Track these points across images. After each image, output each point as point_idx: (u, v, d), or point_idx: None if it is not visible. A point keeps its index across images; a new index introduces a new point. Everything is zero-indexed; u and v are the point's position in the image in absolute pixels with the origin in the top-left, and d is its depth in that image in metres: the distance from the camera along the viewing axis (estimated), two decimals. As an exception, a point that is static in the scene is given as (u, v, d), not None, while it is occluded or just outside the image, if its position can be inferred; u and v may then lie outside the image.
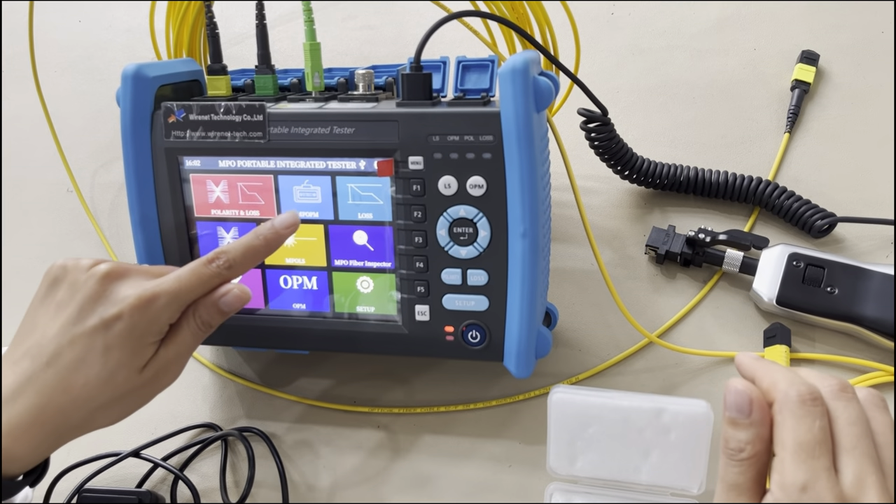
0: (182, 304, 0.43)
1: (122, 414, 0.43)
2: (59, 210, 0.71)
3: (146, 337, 0.42)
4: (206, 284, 0.44)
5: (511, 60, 0.43)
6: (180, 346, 0.43)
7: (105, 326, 0.41)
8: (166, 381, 0.44)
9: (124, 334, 0.41)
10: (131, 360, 0.41)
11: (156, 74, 0.49)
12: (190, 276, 0.43)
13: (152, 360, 0.42)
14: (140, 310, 0.41)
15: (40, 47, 0.68)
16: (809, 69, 0.65)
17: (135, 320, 0.41)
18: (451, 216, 0.47)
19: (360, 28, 0.77)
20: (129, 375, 0.41)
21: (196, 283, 0.43)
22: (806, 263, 0.55)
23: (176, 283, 0.43)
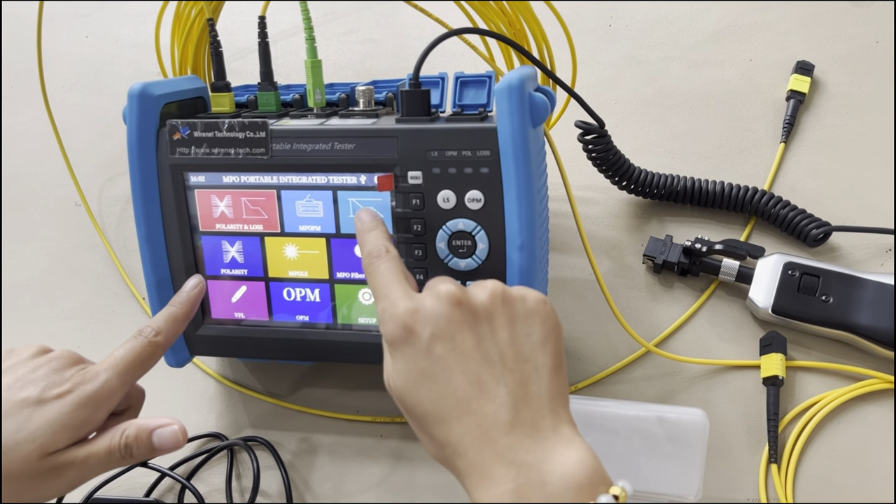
0: (124, 375, 0.43)
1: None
2: (67, 223, 0.72)
3: (79, 412, 0.41)
4: (141, 354, 0.44)
5: (507, 77, 0.44)
6: (90, 455, 0.41)
7: (40, 401, 0.40)
8: (55, 487, 0.40)
9: (55, 408, 0.40)
10: (47, 440, 0.39)
11: (161, 93, 0.50)
12: (125, 350, 0.44)
13: (60, 453, 0.40)
14: (84, 383, 0.41)
15: (49, 63, 0.70)
16: (804, 79, 0.66)
17: (78, 392, 0.41)
18: (450, 229, 0.48)
19: (361, 42, 0.78)
20: (29, 455, 0.39)
21: (131, 353, 0.44)
22: (801, 272, 0.55)
23: (112, 359, 0.43)
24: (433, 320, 0.37)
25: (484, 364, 0.37)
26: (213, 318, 0.53)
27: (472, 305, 0.38)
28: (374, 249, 0.42)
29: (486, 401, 0.36)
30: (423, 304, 0.38)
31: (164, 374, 0.61)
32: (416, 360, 0.37)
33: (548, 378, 0.37)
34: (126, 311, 0.66)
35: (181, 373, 0.61)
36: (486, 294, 0.38)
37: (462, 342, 0.37)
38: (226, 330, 0.53)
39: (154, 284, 0.52)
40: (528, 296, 0.39)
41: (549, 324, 0.39)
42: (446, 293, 0.38)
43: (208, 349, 0.54)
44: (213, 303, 0.53)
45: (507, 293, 0.39)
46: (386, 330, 0.39)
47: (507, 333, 0.38)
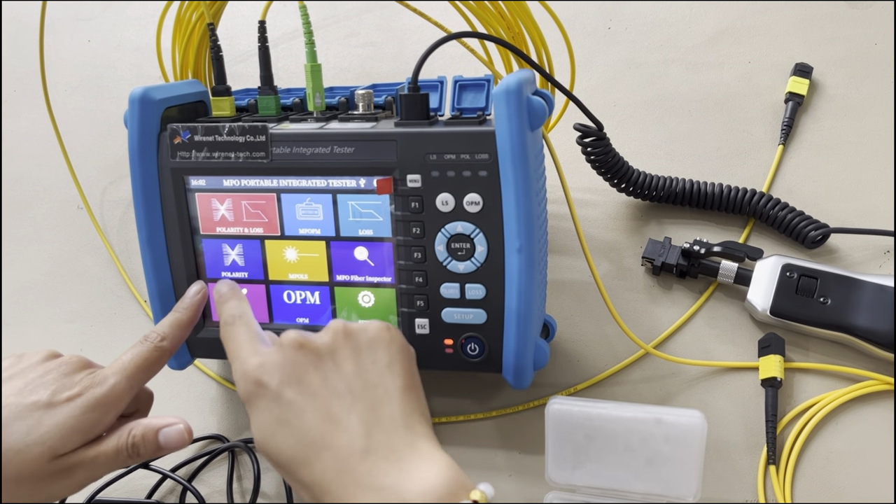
0: (131, 379, 0.44)
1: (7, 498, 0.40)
2: (69, 226, 0.72)
3: (87, 416, 0.41)
4: (148, 358, 0.45)
5: (505, 81, 0.45)
6: (98, 455, 0.42)
7: (50, 405, 0.41)
8: (64, 487, 0.41)
9: (65, 411, 0.41)
10: (56, 442, 0.40)
11: (162, 97, 0.50)
12: (132, 355, 0.45)
13: (69, 454, 0.41)
14: (94, 386, 0.42)
15: (51, 67, 0.70)
16: (803, 82, 0.66)
17: (88, 395, 0.42)
18: (449, 232, 0.48)
19: (362, 45, 0.79)
20: (40, 457, 0.40)
21: (138, 357, 0.45)
22: (799, 274, 0.56)
23: (120, 363, 0.44)
24: (279, 368, 0.39)
25: (333, 398, 0.38)
26: (214, 320, 0.54)
27: (314, 346, 0.40)
28: (228, 317, 0.45)
29: (339, 433, 0.37)
30: (269, 356, 0.40)
31: (166, 377, 0.61)
32: (269, 409, 0.39)
33: (399, 398, 0.39)
34: (128, 314, 0.66)
35: (183, 375, 0.61)
36: (328, 333, 0.41)
37: (309, 382, 0.39)
38: (226, 332, 0.53)
39: (155, 287, 0.52)
40: (368, 326, 0.41)
41: (393, 347, 0.41)
42: (289, 341, 0.40)
43: (209, 352, 0.55)
44: (213, 306, 0.53)
45: (347, 328, 0.41)
46: (240, 388, 0.40)
47: (351, 365, 0.40)
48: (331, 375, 0.39)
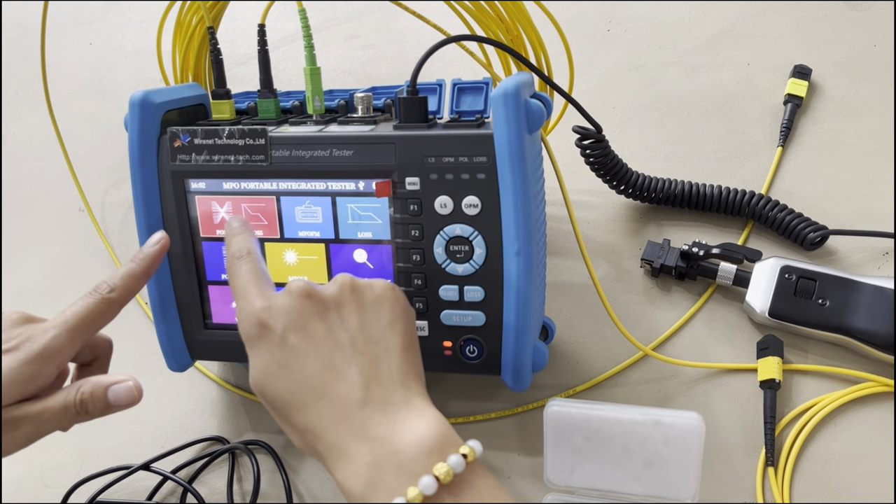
0: (73, 331, 0.43)
1: None
2: (71, 229, 0.73)
3: (22, 370, 0.41)
4: (93, 310, 0.44)
5: (503, 84, 0.45)
6: (45, 410, 0.41)
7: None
8: (10, 441, 0.41)
9: (6, 363, 0.41)
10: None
11: (162, 100, 0.51)
12: (77, 307, 0.44)
13: (12, 407, 0.41)
14: (31, 339, 0.42)
15: (52, 70, 0.71)
16: (802, 83, 0.66)
17: (26, 348, 0.41)
18: (448, 234, 0.48)
19: (362, 47, 0.79)
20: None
21: (83, 310, 0.44)
22: (798, 276, 0.56)
23: (63, 316, 0.43)
24: (285, 313, 0.40)
25: (335, 349, 0.39)
26: (214, 323, 0.54)
27: (321, 297, 0.41)
28: (237, 251, 0.44)
29: (338, 383, 0.38)
30: (275, 300, 0.40)
31: (167, 379, 0.61)
32: (271, 352, 0.39)
33: (398, 356, 0.40)
34: (128, 316, 0.67)
35: (183, 377, 0.62)
36: (335, 286, 0.41)
37: (314, 331, 0.39)
38: (227, 335, 0.53)
39: (156, 290, 0.53)
40: (375, 284, 0.42)
41: (397, 307, 0.41)
42: (297, 289, 0.40)
43: (210, 354, 0.55)
44: (214, 308, 0.53)
45: (355, 283, 0.42)
46: (243, 328, 0.41)
47: (356, 319, 0.40)
48: (335, 327, 0.40)
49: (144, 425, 0.60)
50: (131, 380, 0.44)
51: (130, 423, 0.60)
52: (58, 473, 0.59)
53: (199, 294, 0.53)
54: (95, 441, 0.60)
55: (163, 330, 0.53)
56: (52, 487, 0.58)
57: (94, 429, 0.61)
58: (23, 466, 0.59)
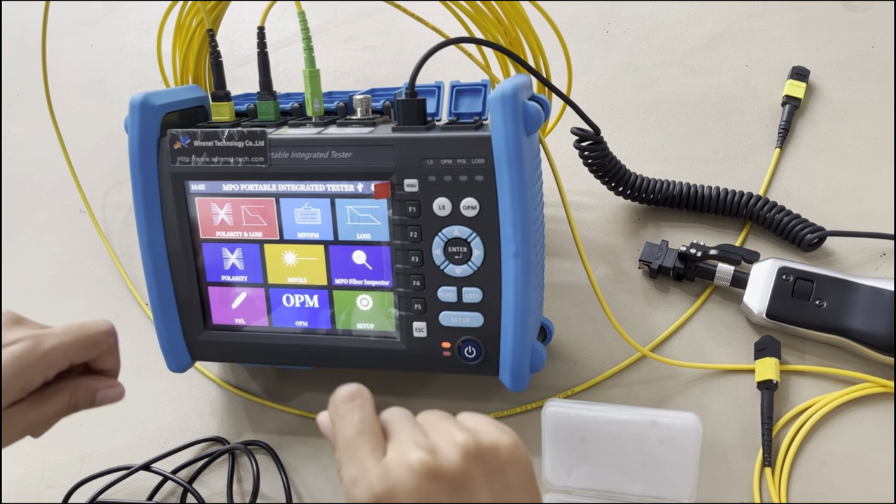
0: (68, 353, 0.43)
1: None
2: (71, 230, 0.73)
3: (16, 379, 0.41)
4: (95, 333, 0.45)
5: (501, 87, 0.45)
6: (40, 412, 0.43)
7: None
8: (6, 439, 0.42)
9: None
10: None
11: (162, 102, 0.51)
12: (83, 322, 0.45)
13: (8, 409, 0.41)
14: (26, 350, 0.41)
15: (53, 71, 0.71)
16: (800, 85, 0.66)
17: (15, 358, 0.41)
18: (446, 236, 0.48)
19: (361, 49, 0.79)
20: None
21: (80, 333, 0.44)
22: (795, 277, 0.56)
23: (67, 326, 0.44)
24: (412, 497, 0.34)
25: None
26: (214, 323, 0.54)
27: (447, 474, 0.35)
28: (350, 391, 0.39)
29: None
30: (397, 480, 0.35)
31: (167, 379, 0.62)
32: None
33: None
34: (129, 317, 0.67)
35: (183, 378, 0.62)
36: (458, 455, 0.36)
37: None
38: (226, 335, 0.54)
39: (156, 291, 0.53)
40: (500, 443, 0.37)
41: (526, 470, 0.37)
42: (419, 465, 0.35)
43: (209, 354, 0.55)
44: (213, 309, 0.54)
45: (479, 447, 0.36)
46: (361, 499, 0.35)
47: (486, 493, 0.36)
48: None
49: (145, 426, 0.60)
50: (120, 386, 0.46)
51: (131, 423, 0.61)
52: (59, 474, 0.59)
53: (198, 295, 0.53)
54: (96, 442, 0.60)
55: (163, 331, 0.54)
56: (52, 488, 0.59)
57: (94, 429, 0.61)
58: (24, 467, 0.60)
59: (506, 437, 0.38)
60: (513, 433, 0.38)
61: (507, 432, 0.38)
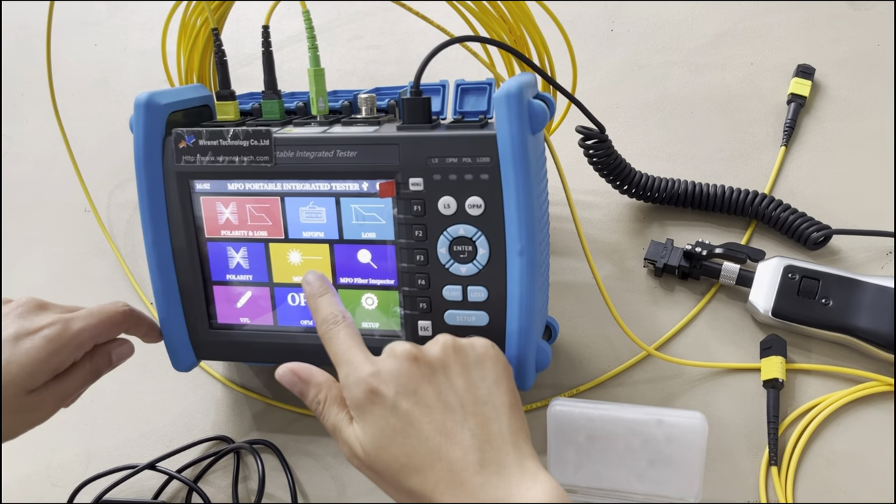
0: (94, 335, 0.48)
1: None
2: (76, 229, 0.73)
3: (51, 360, 0.45)
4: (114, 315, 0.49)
5: (506, 85, 0.45)
6: (69, 385, 0.47)
7: (16, 338, 0.44)
8: (43, 416, 0.46)
9: (31, 352, 0.44)
10: (25, 381, 0.44)
11: (167, 102, 0.51)
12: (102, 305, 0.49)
13: (42, 388, 0.45)
14: (57, 333, 0.45)
15: (58, 70, 0.71)
16: (805, 83, 0.66)
17: (48, 340, 0.45)
18: (451, 235, 0.48)
19: (366, 48, 0.79)
20: (17, 393, 0.44)
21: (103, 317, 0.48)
22: (801, 276, 0.56)
23: (89, 310, 0.48)
24: (395, 378, 0.40)
25: (447, 412, 0.39)
26: (219, 322, 0.54)
27: (427, 359, 0.41)
28: (331, 315, 0.44)
29: (454, 446, 0.38)
30: (383, 365, 0.41)
31: (172, 378, 0.62)
32: (385, 418, 0.39)
33: (507, 416, 0.40)
34: (134, 316, 0.67)
35: (188, 377, 0.62)
36: (438, 347, 0.42)
37: (424, 395, 0.40)
38: (231, 335, 0.54)
39: (161, 290, 0.53)
40: (476, 343, 0.42)
41: (499, 365, 0.42)
42: (402, 352, 0.41)
43: (214, 353, 0.55)
44: (219, 308, 0.54)
45: (457, 343, 0.42)
46: (351, 394, 0.41)
47: (463, 380, 0.40)
48: (444, 389, 0.40)
49: (150, 425, 0.61)
50: (129, 342, 0.51)
51: (136, 422, 0.61)
52: (64, 472, 0.59)
53: (203, 294, 0.53)
54: (102, 440, 0.60)
55: (168, 330, 0.54)
56: (58, 486, 0.59)
57: (100, 428, 0.61)
58: (30, 465, 0.60)
59: (482, 339, 0.43)
60: (491, 341, 0.43)
61: (484, 339, 0.43)
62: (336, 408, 0.42)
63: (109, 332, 0.49)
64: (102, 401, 0.62)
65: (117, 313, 0.49)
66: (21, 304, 0.47)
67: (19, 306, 0.47)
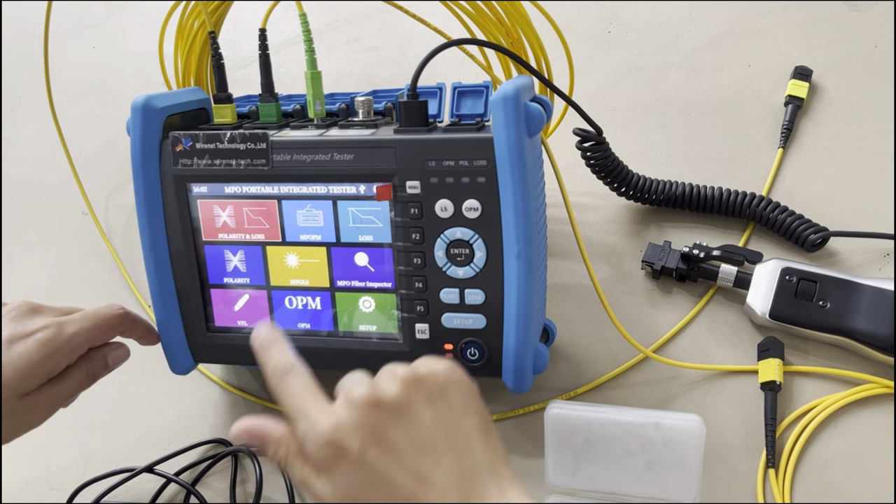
0: (89, 338, 0.48)
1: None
2: (74, 232, 0.73)
3: (45, 363, 0.45)
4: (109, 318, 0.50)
5: (503, 88, 0.45)
6: (64, 388, 0.47)
7: (9, 342, 0.45)
8: (38, 420, 0.47)
9: (24, 356, 0.45)
10: (18, 384, 0.44)
11: (164, 105, 0.51)
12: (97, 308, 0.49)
13: (37, 391, 0.46)
14: (51, 337, 0.46)
15: (56, 73, 0.71)
16: (803, 85, 0.66)
17: (42, 344, 0.45)
18: (448, 238, 0.48)
19: (364, 50, 0.79)
20: (11, 397, 0.44)
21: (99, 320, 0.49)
22: (798, 278, 0.56)
23: (83, 313, 0.48)
24: (358, 430, 0.37)
25: (419, 455, 0.37)
26: (216, 325, 0.54)
27: (388, 402, 0.38)
28: (280, 366, 0.42)
29: (430, 491, 0.36)
30: (342, 417, 0.37)
31: (170, 381, 0.62)
32: (353, 473, 0.37)
33: (480, 443, 0.38)
34: (132, 319, 0.67)
35: (186, 380, 0.62)
36: (397, 385, 0.38)
37: (393, 442, 0.37)
38: (229, 338, 0.54)
39: (159, 293, 0.53)
40: (436, 368, 0.39)
41: (464, 388, 0.39)
42: (360, 399, 0.38)
43: (212, 356, 0.55)
44: (216, 311, 0.54)
45: (416, 374, 0.39)
46: (313, 451, 0.38)
47: (429, 416, 0.38)
48: (412, 431, 0.37)
49: (148, 428, 0.61)
50: (125, 346, 0.52)
51: (134, 425, 0.61)
52: (62, 475, 0.59)
53: (201, 297, 0.53)
54: (99, 443, 0.60)
55: (165, 333, 0.54)
56: (56, 489, 0.59)
57: (98, 431, 0.61)
58: (28, 468, 0.60)
59: (441, 363, 0.40)
60: (450, 361, 0.40)
61: (444, 361, 0.40)
62: (299, 463, 0.39)
63: (104, 336, 0.49)
64: (100, 404, 0.62)
65: (112, 316, 0.49)
66: (15, 308, 0.47)
67: (13, 310, 0.47)
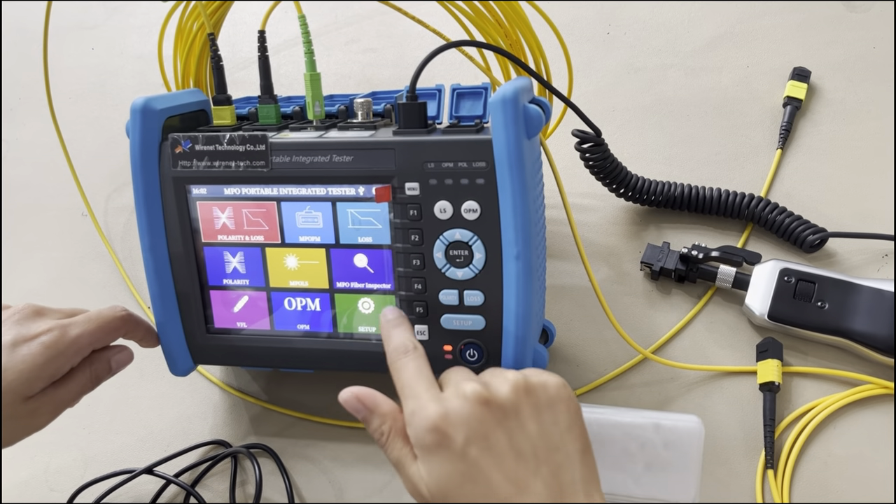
0: (92, 341, 0.48)
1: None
2: (74, 233, 0.73)
3: (48, 366, 0.45)
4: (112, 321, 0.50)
5: (501, 90, 0.45)
6: (68, 391, 0.47)
7: (13, 345, 0.45)
8: (41, 422, 0.47)
9: (27, 359, 0.45)
10: (22, 387, 0.44)
11: (163, 107, 0.51)
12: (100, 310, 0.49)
13: (40, 394, 0.46)
14: (54, 340, 0.46)
15: (55, 75, 0.71)
16: (801, 86, 0.66)
17: (46, 347, 0.45)
18: (447, 239, 0.48)
19: (363, 51, 0.79)
20: (15, 400, 0.44)
21: (102, 323, 0.49)
22: (797, 279, 0.56)
23: (86, 315, 0.48)
24: (465, 422, 0.38)
25: (519, 460, 0.37)
26: (216, 327, 0.54)
27: (498, 402, 0.39)
28: (401, 345, 0.43)
29: (525, 497, 0.36)
30: (451, 406, 0.39)
31: (169, 383, 0.62)
32: (453, 463, 0.37)
33: (579, 463, 0.38)
34: (131, 320, 0.67)
35: (185, 381, 0.62)
36: (508, 388, 0.39)
37: (495, 441, 0.38)
38: (228, 339, 0.54)
39: (158, 295, 0.53)
40: (548, 382, 0.40)
41: (572, 407, 0.40)
42: (473, 394, 0.39)
43: (211, 358, 0.55)
44: (215, 312, 0.54)
45: (528, 383, 0.40)
46: (417, 434, 0.39)
47: (535, 425, 0.39)
48: (515, 435, 0.38)
49: (147, 429, 0.61)
50: (128, 349, 0.52)
51: (134, 427, 0.61)
52: (62, 477, 0.59)
53: (200, 299, 0.53)
54: (99, 445, 0.60)
55: (165, 334, 0.54)
56: (56, 491, 0.59)
57: (98, 433, 0.61)
58: (28, 470, 0.60)
59: (553, 378, 0.41)
60: (560, 378, 0.41)
61: (555, 376, 0.41)
62: (400, 442, 0.40)
63: (107, 338, 0.49)
64: (100, 405, 0.62)
65: (115, 318, 0.49)
66: (18, 311, 0.47)
67: (16, 313, 0.47)
